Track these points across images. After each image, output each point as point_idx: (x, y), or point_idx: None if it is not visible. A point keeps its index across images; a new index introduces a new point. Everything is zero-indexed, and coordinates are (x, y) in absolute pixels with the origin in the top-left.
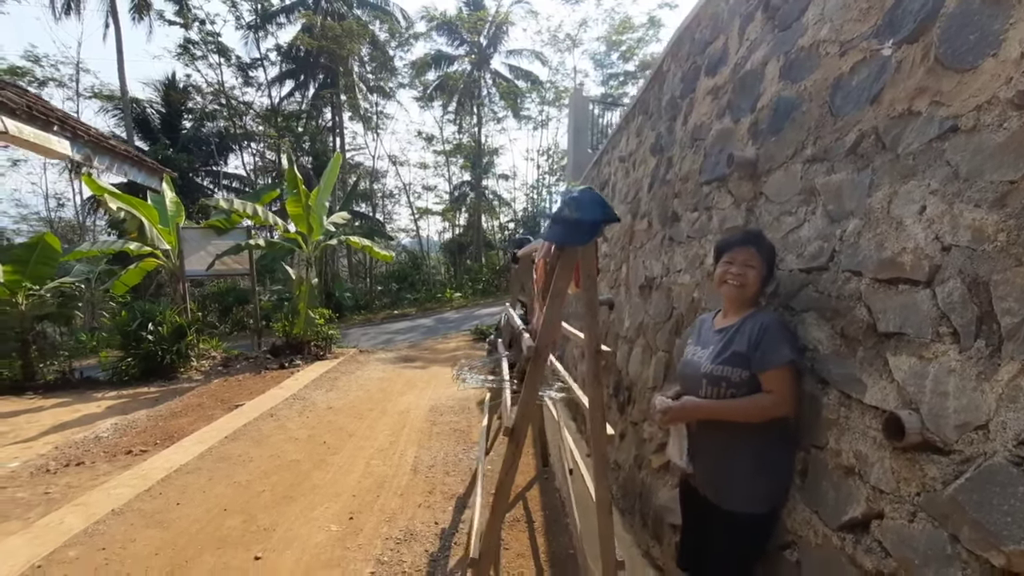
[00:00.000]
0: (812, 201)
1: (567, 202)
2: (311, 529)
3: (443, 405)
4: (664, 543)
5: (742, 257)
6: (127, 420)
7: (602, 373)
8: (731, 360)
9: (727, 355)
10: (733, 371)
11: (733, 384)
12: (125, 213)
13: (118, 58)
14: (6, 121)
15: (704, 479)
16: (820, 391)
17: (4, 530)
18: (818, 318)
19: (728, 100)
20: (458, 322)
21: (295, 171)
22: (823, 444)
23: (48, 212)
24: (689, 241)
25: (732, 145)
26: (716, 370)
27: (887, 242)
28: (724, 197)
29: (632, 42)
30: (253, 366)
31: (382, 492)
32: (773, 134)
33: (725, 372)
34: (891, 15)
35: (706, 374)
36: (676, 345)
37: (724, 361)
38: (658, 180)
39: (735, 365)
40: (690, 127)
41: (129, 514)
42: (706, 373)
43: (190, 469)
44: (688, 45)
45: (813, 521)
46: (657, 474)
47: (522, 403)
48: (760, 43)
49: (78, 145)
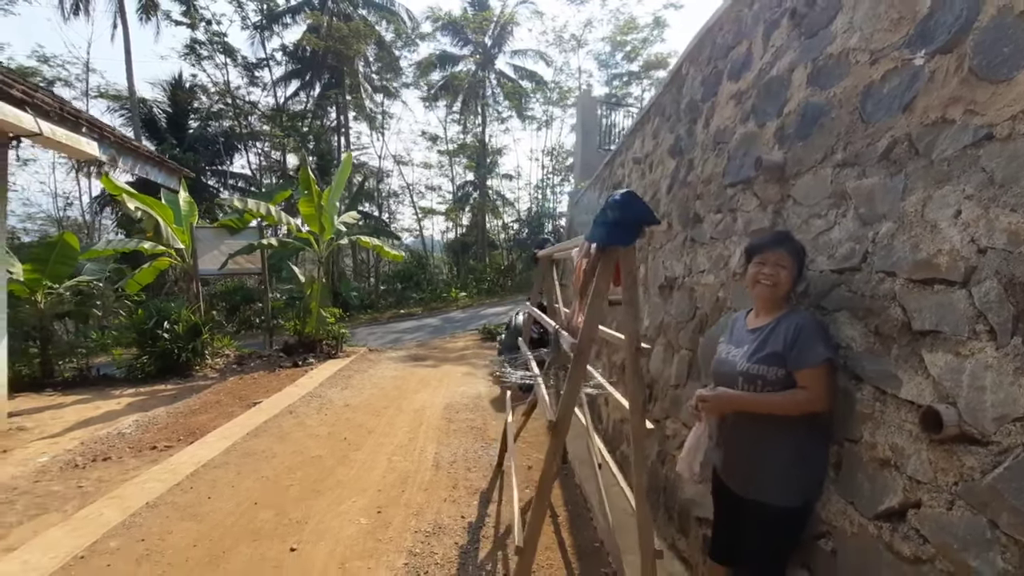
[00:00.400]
0: (843, 204)
1: (610, 205)
2: (341, 522)
3: (458, 403)
4: (690, 536)
5: (774, 258)
6: (148, 416)
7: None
8: (767, 359)
9: (763, 354)
10: (769, 369)
11: (769, 382)
12: (142, 213)
13: (126, 58)
14: (41, 124)
15: (736, 472)
16: (854, 387)
17: (45, 522)
18: (851, 317)
19: (752, 104)
20: (464, 321)
21: (308, 172)
22: (857, 437)
23: (56, 211)
24: (712, 242)
25: (757, 149)
26: (752, 368)
27: (922, 244)
28: (749, 199)
29: (637, 42)
30: (267, 364)
31: (407, 487)
32: (801, 139)
33: (761, 370)
34: (923, 26)
35: (742, 372)
36: (700, 344)
37: (760, 360)
38: (678, 182)
39: (771, 363)
40: (712, 130)
41: (163, 507)
42: (742, 371)
43: (217, 464)
44: (709, 49)
45: (848, 511)
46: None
47: (565, 399)
48: (786, 49)
49: (104, 146)
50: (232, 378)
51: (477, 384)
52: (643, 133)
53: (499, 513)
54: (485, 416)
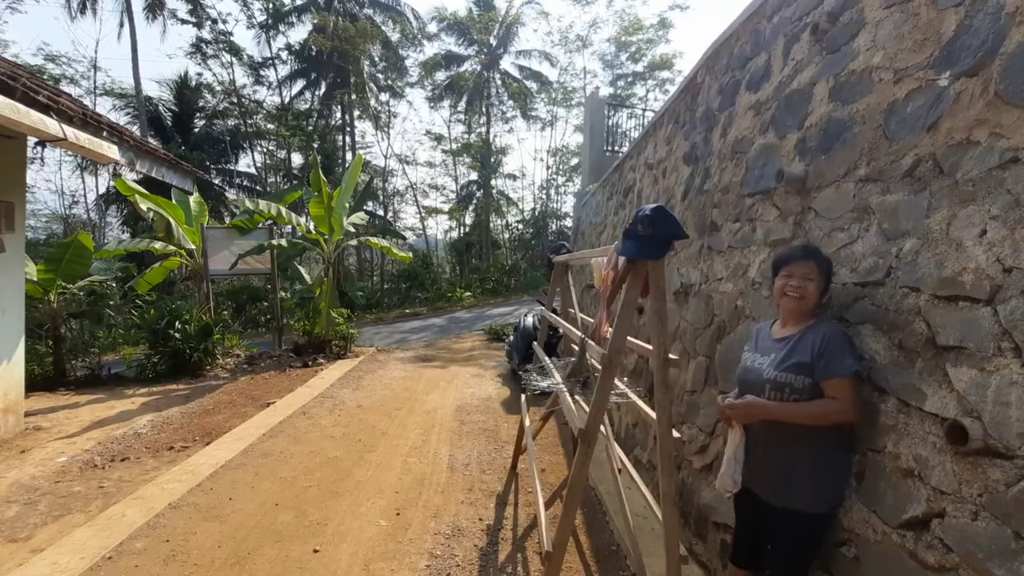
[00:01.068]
0: (865, 219)
1: (640, 219)
2: (362, 523)
3: (469, 405)
4: (708, 541)
5: (801, 271)
6: (162, 416)
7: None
8: (794, 368)
9: (791, 363)
10: (796, 378)
11: (796, 390)
12: (153, 213)
13: (133, 57)
14: (65, 129)
15: (765, 480)
16: (877, 398)
17: (69, 522)
18: (874, 330)
19: (772, 116)
20: (470, 322)
21: (319, 173)
22: (880, 448)
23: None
24: (730, 251)
25: (777, 160)
26: (780, 377)
27: (947, 261)
28: (769, 210)
29: (642, 43)
30: (277, 364)
31: (423, 489)
32: (823, 152)
33: (788, 379)
34: (948, 48)
35: (770, 380)
36: (718, 351)
37: (788, 369)
38: (693, 189)
39: (798, 373)
40: (730, 140)
41: (185, 508)
42: (769, 379)
43: (235, 465)
44: (726, 59)
45: (872, 520)
46: (699, 474)
47: (594, 407)
48: (807, 63)
49: (123, 149)
50: (243, 378)
51: (486, 385)
52: (656, 139)
53: (516, 516)
54: (496, 418)
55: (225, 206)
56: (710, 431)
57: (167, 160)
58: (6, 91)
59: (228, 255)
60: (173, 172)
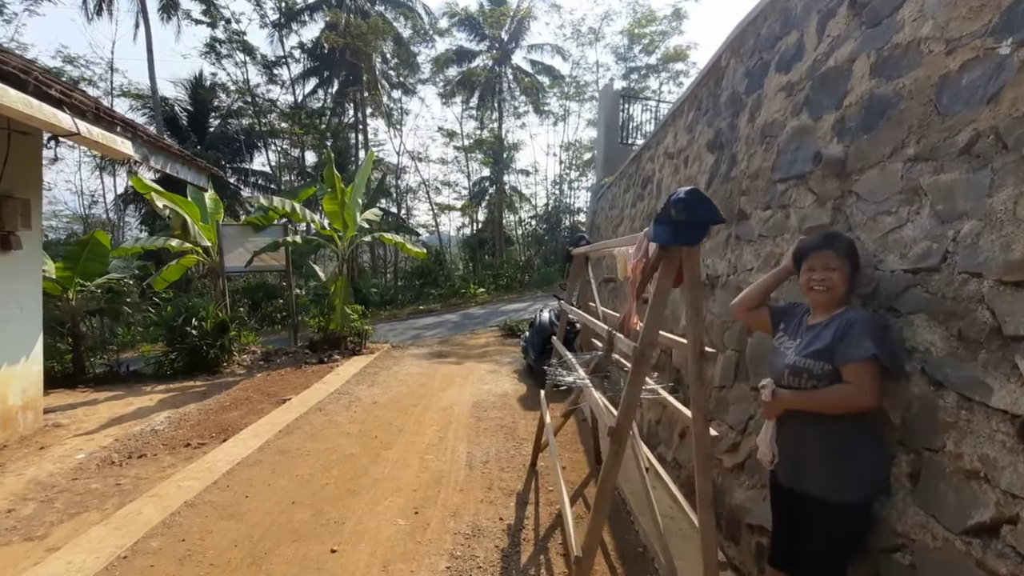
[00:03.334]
0: (916, 201)
1: (673, 203)
2: (379, 522)
3: (485, 401)
4: (741, 543)
5: (821, 261)
6: (179, 413)
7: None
8: (815, 354)
9: (812, 349)
10: (816, 364)
11: (814, 376)
12: (170, 211)
13: (148, 57)
14: (78, 123)
15: (786, 466)
16: (933, 393)
17: (85, 520)
18: (929, 320)
19: (806, 97)
20: (484, 318)
21: (333, 169)
22: (939, 447)
23: (82, 209)
24: (761, 240)
25: (812, 143)
26: (799, 362)
27: (1015, 244)
28: (804, 195)
29: (655, 35)
30: (292, 361)
31: (442, 487)
32: (865, 132)
33: (807, 364)
34: (1009, 14)
35: (788, 365)
36: (749, 344)
37: (809, 354)
38: (718, 177)
39: (817, 358)
40: (759, 124)
41: (202, 506)
42: (789, 364)
43: (252, 462)
44: (752, 40)
45: (930, 524)
46: (731, 474)
47: (625, 403)
48: (845, 39)
49: (137, 145)
50: (259, 374)
51: (502, 381)
52: (676, 127)
53: (537, 515)
54: (514, 415)
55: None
56: (741, 428)
57: (181, 156)
58: (18, 85)
59: (243, 252)
60: (187, 168)
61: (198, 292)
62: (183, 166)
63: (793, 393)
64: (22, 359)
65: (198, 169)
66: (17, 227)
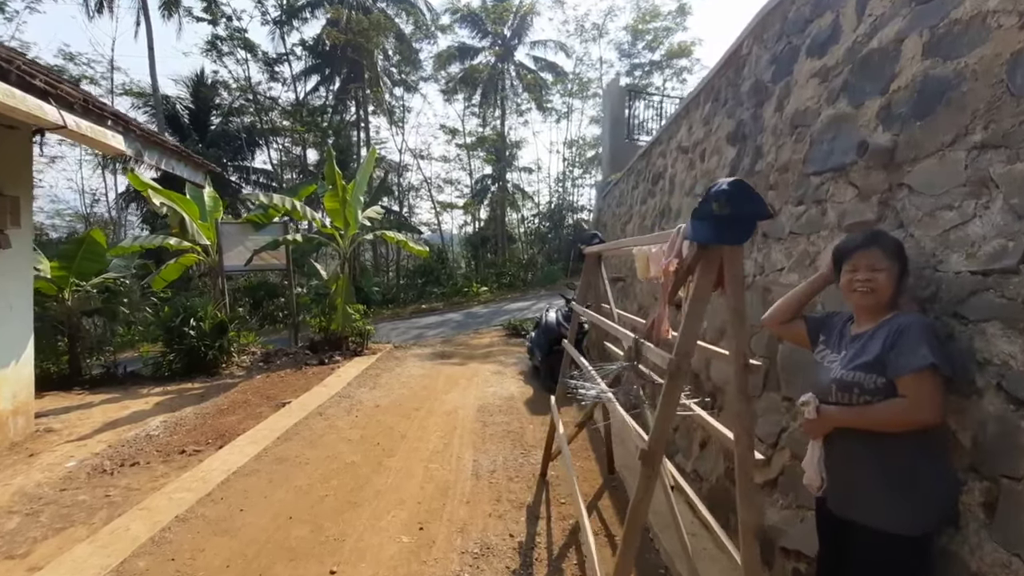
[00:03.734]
0: (984, 193)
1: (715, 196)
2: (382, 539)
3: (491, 405)
4: (776, 569)
5: (865, 261)
6: (176, 417)
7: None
8: (865, 366)
9: (860, 361)
10: (867, 377)
11: (867, 391)
12: (167, 208)
13: (149, 55)
14: (65, 116)
15: (836, 492)
16: (1013, 413)
17: (71, 536)
18: (1005, 328)
19: (844, 82)
20: (488, 317)
21: (334, 166)
22: (1021, 475)
23: (84, 208)
24: (793, 238)
25: (853, 132)
26: (847, 375)
27: None
28: (844, 189)
29: (659, 31)
30: (293, 362)
31: (447, 499)
32: (918, 117)
33: (857, 377)
34: None
35: (836, 379)
36: (781, 351)
37: (857, 367)
38: (741, 171)
39: (868, 371)
40: (788, 113)
41: (194, 521)
42: (836, 379)
43: (248, 472)
44: (778, 25)
45: (1013, 564)
46: (762, 491)
47: (659, 422)
48: (891, 18)
49: (130, 139)
50: (259, 376)
51: (508, 384)
52: (690, 120)
53: (549, 531)
54: (521, 419)
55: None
56: (772, 442)
57: (176, 152)
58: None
59: (243, 251)
60: (184, 165)
61: (199, 291)
62: (179, 162)
63: (841, 409)
64: (12, 362)
65: (195, 165)
66: (6, 225)
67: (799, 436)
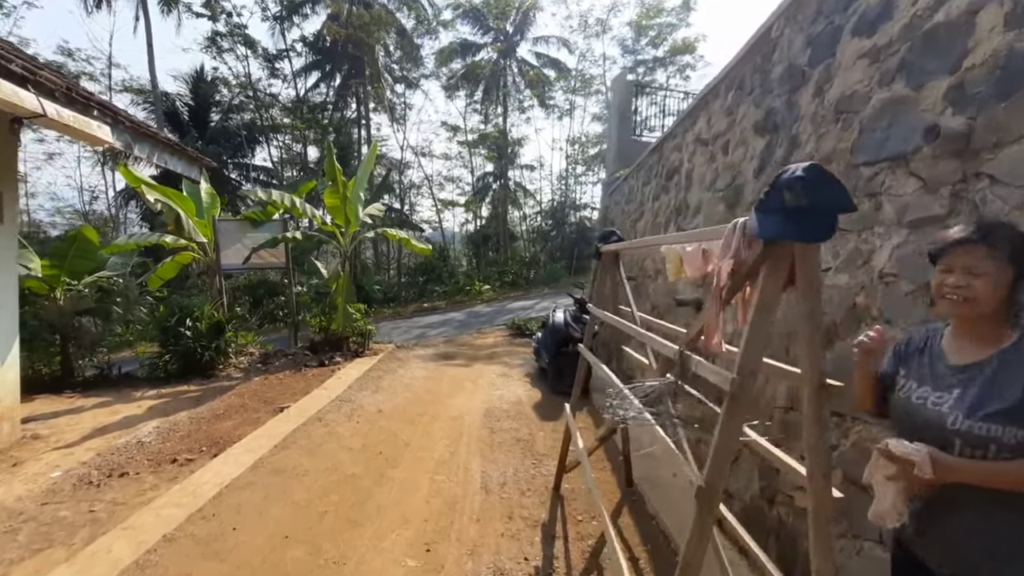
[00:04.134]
0: None
1: (788, 184)
2: (385, 562)
3: (498, 409)
4: None
5: (964, 261)
6: (169, 423)
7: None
8: (1001, 417)
9: (993, 410)
10: (1006, 431)
11: (1006, 447)
12: (162, 205)
13: (148, 51)
14: (45, 104)
15: (948, 557)
16: None
17: (48, 559)
18: None
19: (900, 61)
20: (490, 316)
21: (334, 161)
22: None
23: (83, 205)
24: (841, 234)
25: (913, 116)
26: (979, 429)
27: None
28: (904, 180)
29: (663, 27)
30: (292, 363)
31: (455, 516)
32: (1000, 98)
33: (994, 432)
34: None
35: (962, 432)
36: (827, 360)
37: (989, 418)
38: (772, 163)
39: (1007, 422)
40: (831, 98)
41: (182, 540)
42: (961, 431)
43: (242, 484)
44: (815, 4)
45: None
46: (803, 516)
47: (717, 453)
48: None
49: (119, 131)
50: (257, 378)
51: (514, 386)
52: (709, 111)
53: (567, 553)
54: (530, 425)
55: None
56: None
57: (170, 145)
58: None
59: (241, 249)
60: (177, 159)
61: (198, 290)
62: (172, 156)
63: (974, 464)
64: None
65: (189, 159)
66: None
67: (851, 456)
